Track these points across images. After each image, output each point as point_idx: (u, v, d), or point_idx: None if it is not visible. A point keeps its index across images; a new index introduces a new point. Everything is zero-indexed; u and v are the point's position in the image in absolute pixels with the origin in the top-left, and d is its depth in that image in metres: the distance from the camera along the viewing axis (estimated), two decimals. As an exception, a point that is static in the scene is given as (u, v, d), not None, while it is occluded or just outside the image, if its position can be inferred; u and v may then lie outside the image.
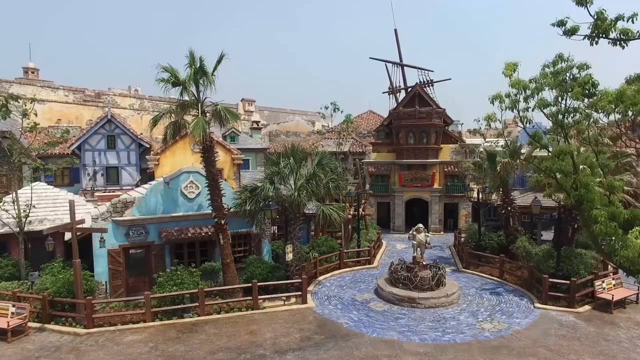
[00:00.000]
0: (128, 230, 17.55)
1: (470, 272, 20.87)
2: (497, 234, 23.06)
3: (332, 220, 17.56)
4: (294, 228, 17.90)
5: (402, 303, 16.27)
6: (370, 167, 33.80)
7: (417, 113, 31.37)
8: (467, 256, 21.59)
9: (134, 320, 15.02)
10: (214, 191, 16.45)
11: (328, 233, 25.36)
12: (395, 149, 33.28)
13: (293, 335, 13.85)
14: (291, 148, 17.43)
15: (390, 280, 17.72)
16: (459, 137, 34.33)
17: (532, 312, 15.60)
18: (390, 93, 35.83)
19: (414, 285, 16.64)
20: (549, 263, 17.35)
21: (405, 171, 32.84)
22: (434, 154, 32.32)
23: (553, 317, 15.11)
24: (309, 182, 16.92)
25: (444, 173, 32.59)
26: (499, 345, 12.87)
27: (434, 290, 16.63)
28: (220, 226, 16.63)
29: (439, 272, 16.98)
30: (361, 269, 21.98)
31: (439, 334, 13.72)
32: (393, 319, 15.11)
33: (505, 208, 21.53)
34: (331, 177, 17.82)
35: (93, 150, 30.97)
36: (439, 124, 31.81)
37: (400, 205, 33.22)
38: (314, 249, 22.15)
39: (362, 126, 42.59)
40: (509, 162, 19.98)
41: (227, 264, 16.89)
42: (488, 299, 17.04)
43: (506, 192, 21.69)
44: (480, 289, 18.35)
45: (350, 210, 24.66)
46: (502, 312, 15.57)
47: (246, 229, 19.97)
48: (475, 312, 15.69)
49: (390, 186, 33.57)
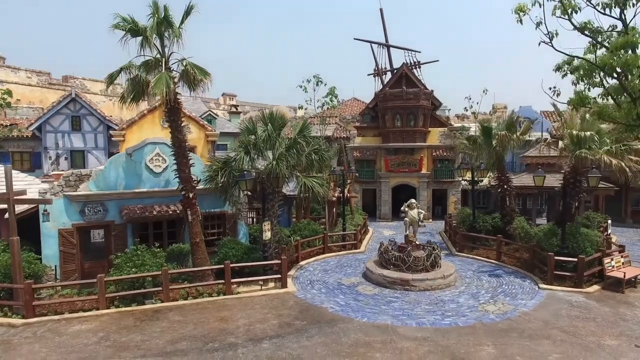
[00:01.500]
0: (83, 207, 15.38)
1: (464, 256, 19.31)
2: (492, 216, 21.58)
3: (315, 196, 15.72)
4: (273, 205, 15.99)
5: (394, 286, 14.54)
6: (355, 152, 32.09)
7: (404, 94, 29.80)
8: (461, 239, 20.02)
9: (85, 308, 12.90)
10: (181, 160, 14.43)
11: (311, 218, 23.56)
12: (381, 133, 31.67)
13: (270, 321, 11.96)
14: (269, 114, 15.50)
15: (380, 262, 15.97)
16: (447, 121, 32.89)
17: (537, 293, 14.06)
18: (376, 75, 34.19)
19: (406, 266, 14.93)
20: (552, 241, 15.85)
21: (392, 156, 31.26)
22: (422, 138, 30.82)
23: (561, 297, 13.60)
24: (289, 152, 15.04)
25: (432, 157, 31.13)
26: (507, 328, 11.23)
27: (428, 271, 14.95)
28: (189, 200, 14.61)
29: (434, 252, 15.31)
30: (347, 254, 20.22)
31: (438, 317, 12.02)
32: (385, 302, 13.36)
33: (501, 186, 20.03)
34: (314, 147, 15.98)
35: (55, 132, 28.39)
36: (427, 105, 30.30)
37: (386, 192, 31.62)
38: (296, 234, 20.39)
39: (347, 112, 40.85)
40: (506, 135, 18.47)
41: (197, 244, 14.89)
42: (488, 281, 15.45)
43: (502, 169, 20.20)
44: (477, 272, 16.77)
45: (335, 193, 22.86)
46: (505, 294, 13.98)
47: (220, 208, 18.04)
48: (476, 294, 14.06)
49: (376, 172, 31.95)
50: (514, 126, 19.02)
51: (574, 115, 16.26)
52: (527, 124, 19.52)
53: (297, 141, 15.25)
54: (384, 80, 33.35)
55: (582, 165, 15.83)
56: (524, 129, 19.52)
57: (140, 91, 13.88)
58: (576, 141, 14.90)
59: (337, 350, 10.09)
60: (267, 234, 15.02)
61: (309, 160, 15.96)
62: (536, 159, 23.92)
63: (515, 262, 17.65)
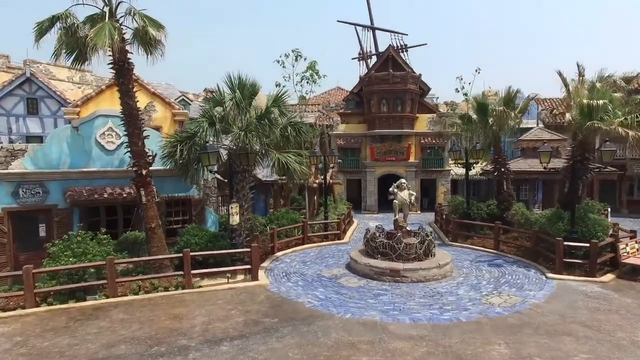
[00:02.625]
0: (17, 188, 13.06)
1: (458, 245, 17.49)
2: (487, 203, 19.86)
3: (293, 178, 13.67)
4: (243, 186, 13.89)
5: (383, 277, 12.58)
6: (339, 140, 30.15)
7: (391, 77, 27.99)
8: (455, 227, 18.19)
9: (8, 307, 10.61)
10: (132, 131, 12.22)
11: (292, 209, 21.55)
12: (366, 119, 29.80)
13: (234, 319, 9.87)
14: (237, 78, 13.35)
15: (366, 250, 14.00)
16: (436, 108, 31.20)
17: (545, 283, 12.27)
18: (361, 59, 32.30)
19: (396, 255, 12.99)
20: (558, 226, 14.11)
21: (378, 143, 29.42)
22: (410, 124, 29.04)
23: (574, 288, 11.82)
24: (260, 123, 12.96)
25: (420, 145, 29.39)
26: (518, 323, 9.35)
27: (422, 260, 13.03)
28: (142, 178, 12.41)
29: (428, 239, 13.41)
30: (329, 245, 18.23)
31: (436, 312, 10.08)
32: (372, 295, 11.38)
33: (498, 170, 18.28)
34: (290, 120, 13.95)
35: (8, 116, 25.78)
36: (414, 90, 28.54)
37: (372, 182, 29.75)
38: (273, 223, 18.35)
39: (331, 101, 38.88)
40: (504, 111, 16.70)
41: (152, 230, 12.69)
42: (488, 271, 13.62)
43: (499, 151, 18.46)
44: (475, 262, 14.94)
45: (316, 180, 20.85)
46: (509, 285, 12.15)
47: (185, 193, 15.91)
48: (477, 285, 12.19)
49: (361, 161, 30.09)
50: (512, 102, 17.28)
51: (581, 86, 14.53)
52: (525, 100, 17.83)
53: (269, 111, 13.17)
54: (369, 65, 31.49)
55: (592, 139, 14.14)
56: (523, 106, 17.82)
57: (80, 47, 11.58)
58: (587, 111, 13.16)
59: (314, 353, 8.06)
60: (234, 218, 12.90)
61: (285, 135, 13.94)
62: (532, 143, 22.30)
63: (515, 250, 15.93)
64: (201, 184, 16.70)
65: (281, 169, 13.59)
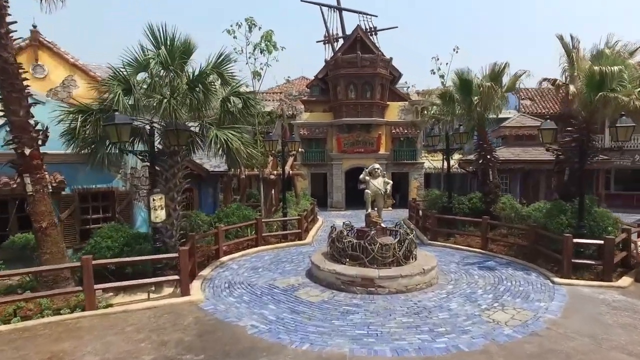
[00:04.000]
0: None
1: (440, 245, 14.97)
2: (468, 197, 17.50)
3: (234, 157, 10.62)
4: (174, 174, 10.77)
5: (353, 287, 9.77)
6: (302, 130, 27.28)
7: (359, 60, 25.38)
8: (435, 224, 15.63)
9: None
10: (8, 94, 8.84)
11: (250, 206, 18.51)
12: (332, 107, 27.09)
13: (141, 357, 6.79)
14: (164, 33, 10.16)
15: (331, 253, 11.17)
16: (408, 96, 28.83)
17: (554, 290, 9.82)
18: (326, 42, 29.59)
19: (370, 259, 10.21)
20: (560, 220, 11.78)
21: (345, 134, 26.75)
22: (380, 112, 26.52)
23: (590, 295, 9.43)
24: (193, 88, 9.86)
25: (391, 136, 26.91)
26: (539, 352, 6.74)
27: (401, 264, 10.32)
28: (26, 160, 9.06)
29: (408, 237, 10.71)
30: (288, 246, 15.32)
31: (427, 338, 7.35)
32: (339, 314, 8.55)
33: (483, 157, 15.91)
34: (235, 89, 10.94)
35: None
36: (385, 74, 26.04)
37: (339, 177, 27.04)
38: (221, 221, 15.31)
39: (294, 90, 35.98)
40: (492, 87, 14.30)
41: (44, 231, 9.33)
42: (481, 276, 11.08)
43: (484, 136, 16.08)
44: (462, 264, 12.41)
45: (274, 171, 17.87)
46: (512, 294, 9.61)
47: (106, 184, 12.65)
48: (472, 295, 9.58)
49: (327, 153, 27.34)
50: (499, 78, 14.93)
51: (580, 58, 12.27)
52: (513, 78, 15.51)
53: (205, 74, 10.09)
54: (335, 49, 28.78)
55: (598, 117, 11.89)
56: (511, 83, 15.51)
57: None
58: (597, 80, 10.86)
59: (248, 420, 5.12)
60: (158, 214, 9.73)
61: (228, 110, 10.92)
62: (515, 130, 20.17)
63: (507, 250, 13.57)
64: (127, 172, 13.45)
65: (221, 150, 10.50)
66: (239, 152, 10.33)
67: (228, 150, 10.46)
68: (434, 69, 23.97)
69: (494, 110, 15.68)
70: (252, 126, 13.00)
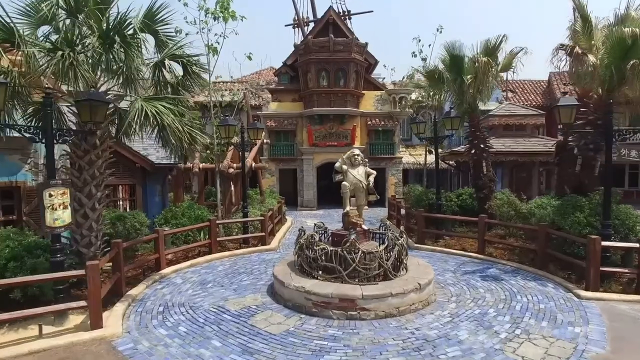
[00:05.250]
0: None
1: (428, 249, 12.76)
2: (456, 193, 15.42)
3: (167, 138, 7.99)
4: (92, 161, 8.05)
5: (328, 311, 7.33)
6: (269, 122, 24.70)
7: (332, 44, 22.99)
8: (422, 224, 13.39)
9: None
10: None
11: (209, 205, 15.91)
12: (302, 96, 24.62)
13: None
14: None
15: (299, 264, 8.70)
16: (384, 86, 26.67)
17: (583, 307, 7.70)
18: (296, 26, 27.12)
19: (350, 272, 7.80)
20: (576, 217, 9.74)
21: (317, 125, 24.34)
22: (354, 102, 24.25)
23: (633, 315, 7.35)
24: (110, 45, 7.18)
25: (367, 128, 24.67)
26: (609, 417, 4.50)
27: (390, 278, 7.96)
28: None
29: (398, 242, 8.36)
30: (249, 253, 12.77)
31: (438, 394, 5.00)
32: (309, 353, 6.09)
33: (476, 146, 13.82)
34: (172, 50, 8.32)
35: None
36: (360, 60, 23.77)
37: (310, 173, 24.61)
38: (168, 223, 12.71)
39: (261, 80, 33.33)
40: (488, 62, 12.19)
41: None
42: (487, 289, 8.85)
43: (476, 123, 13.98)
44: (460, 273, 10.18)
45: (233, 164, 15.23)
46: (533, 315, 7.40)
47: (9, 177, 9.86)
48: (483, 318, 7.31)
49: (297, 147, 24.87)
50: (495, 54, 12.86)
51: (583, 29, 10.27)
52: (509, 56, 13.48)
53: (124, 22, 7.40)
54: (305, 33, 26.32)
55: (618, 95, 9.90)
56: (507, 62, 13.47)
57: None
58: (630, 44, 8.84)
59: None
60: (58, 214, 6.99)
61: (164, 81, 8.30)
62: (505, 119, 18.27)
63: (508, 254, 11.51)
64: (39, 162, 10.59)
65: (152, 130, 7.86)
66: (175, 131, 7.69)
67: (161, 129, 7.82)
68: (416, 52, 21.89)
69: (487, 92, 13.64)
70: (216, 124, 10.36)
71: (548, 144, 17.00)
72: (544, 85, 29.04)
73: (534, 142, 17.21)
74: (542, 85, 29.06)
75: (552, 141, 17.67)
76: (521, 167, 18.23)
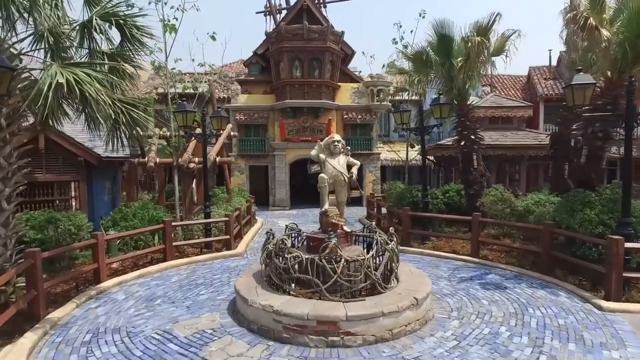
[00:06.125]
0: None
1: (415, 252, 11.36)
2: (443, 189, 14.14)
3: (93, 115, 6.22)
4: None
5: (303, 336, 5.75)
6: (238, 115, 22.94)
7: (306, 32, 21.45)
8: (407, 224, 11.98)
9: None
10: None
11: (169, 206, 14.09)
12: (274, 88, 22.99)
13: None
14: None
15: (267, 275, 7.07)
16: (361, 79, 25.29)
17: (610, 323, 6.42)
18: (268, 13, 25.37)
19: (329, 285, 6.22)
20: (585, 215, 8.51)
21: (290, 119, 22.74)
22: (330, 94, 22.78)
23: (671, 333, 6.10)
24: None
25: (343, 122, 23.24)
26: None
27: (380, 291, 6.44)
28: None
29: (388, 247, 6.85)
30: (211, 259, 11.07)
31: None
32: (278, 400, 4.51)
33: (466, 138, 12.53)
34: (105, 8, 6.56)
35: None
36: (336, 50, 22.32)
37: (282, 169, 22.98)
38: (116, 225, 10.93)
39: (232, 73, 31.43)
40: (482, 42, 10.90)
41: None
42: (492, 301, 7.46)
43: (466, 112, 12.68)
44: (456, 280, 8.80)
45: (195, 158, 13.45)
46: (555, 334, 6.04)
47: None
48: (495, 340, 5.88)
49: (268, 142, 23.20)
50: (487, 35, 11.58)
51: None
52: (501, 39, 12.25)
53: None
54: (277, 21, 24.64)
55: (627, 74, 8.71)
56: (499, 45, 12.23)
57: None
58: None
59: None
60: None
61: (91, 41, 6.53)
62: (491, 111, 17.15)
63: (505, 257, 10.24)
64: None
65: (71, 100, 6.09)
66: (103, 107, 5.93)
67: (85, 105, 6.05)
68: (396, 38, 20.60)
69: (478, 78, 12.40)
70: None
71: (538, 138, 15.96)
72: (523, 80, 28.37)
73: (522, 136, 16.18)
74: (522, 81, 28.37)
75: (541, 134, 16.69)
76: (509, 161, 17.16)
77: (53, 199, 11.63)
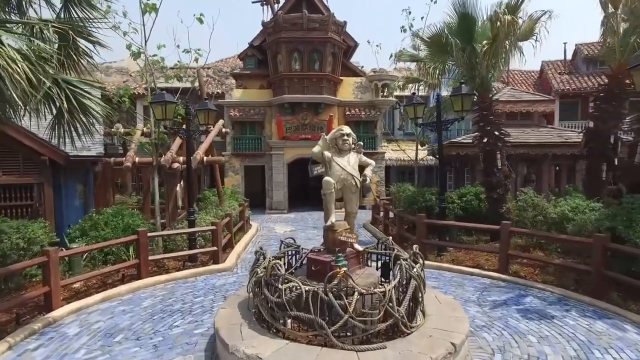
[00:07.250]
0: None
1: (433, 265, 9.76)
2: (459, 193, 12.57)
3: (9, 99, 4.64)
4: None
5: (302, 401, 4.19)
6: (233, 111, 21.36)
7: (306, 21, 19.88)
8: (423, 233, 10.37)
9: None
10: None
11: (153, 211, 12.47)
12: (271, 82, 21.41)
13: None
14: None
15: (257, 307, 5.47)
16: (364, 73, 23.71)
17: None
18: (265, 3, 23.76)
19: (339, 327, 4.64)
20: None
21: (288, 116, 21.17)
22: (331, 89, 21.22)
23: None
24: None
25: (345, 119, 21.66)
26: None
27: (404, 333, 4.86)
28: None
29: (412, 273, 5.25)
30: (194, 276, 9.48)
31: None
32: None
33: (489, 134, 10.96)
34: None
35: None
36: (338, 41, 20.76)
37: (280, 170, 21.42)
38: (84, 236, 9.38)
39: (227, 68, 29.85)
40: (513, 21, 9.34)
41: None
42: (542, 337, 5.87)
43: (488, 105, 11.10)
44: (489, 306, 7.22)
45: (179, 157, 11.88)
46: (644, 396, 4.49)
47: None
48: (568, 407, 4.33)
49: (265, 140, 21.63)
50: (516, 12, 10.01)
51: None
52: (529, 21, 10.70)
53: None
54: (275, 11, 23.06)
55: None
56: (527, 28, 10.68)
57: None
58: None
59: None
60: None
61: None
62: (510, 106, 15.57)
63: (539, 273, 8.65)
64: None
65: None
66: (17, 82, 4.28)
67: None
68: (405, 26, 19.04)
69: (502, 66, 10.86)
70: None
71: (563, 134, 14.38)
72: (535, 75, 26.83)
73: (544, 132, 14.61)
74: (533, 76, 26.84)
75: (566, 131, 15.11)
76: (529, 161, 15.59)
77: (12, 204, 10.04)
